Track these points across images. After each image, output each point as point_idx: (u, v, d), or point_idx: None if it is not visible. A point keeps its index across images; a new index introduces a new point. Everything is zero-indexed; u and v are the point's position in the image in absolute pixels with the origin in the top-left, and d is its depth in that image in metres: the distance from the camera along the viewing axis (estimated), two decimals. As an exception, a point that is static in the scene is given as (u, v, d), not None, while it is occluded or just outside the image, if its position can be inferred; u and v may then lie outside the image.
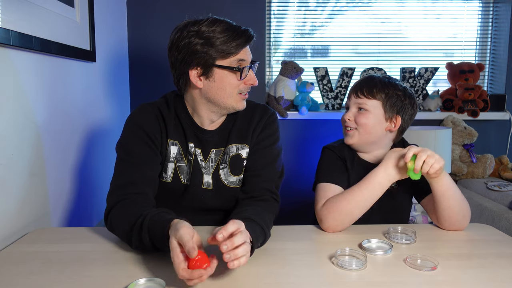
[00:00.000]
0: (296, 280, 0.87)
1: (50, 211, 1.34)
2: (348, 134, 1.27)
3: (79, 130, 1.59)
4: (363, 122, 1.24)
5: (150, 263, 0.93)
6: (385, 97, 1.23)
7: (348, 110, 1.28)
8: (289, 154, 2.39)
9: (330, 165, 1.27)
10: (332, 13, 2.55)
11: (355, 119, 1.25)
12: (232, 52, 1.09)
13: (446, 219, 1.15)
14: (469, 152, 2.39)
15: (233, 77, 1.11)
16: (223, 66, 1.09)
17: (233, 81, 1.11)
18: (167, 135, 1.16)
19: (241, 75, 1.11)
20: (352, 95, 1.27)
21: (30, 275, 0.88)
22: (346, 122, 1.27)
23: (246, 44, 1.12)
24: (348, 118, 1.26)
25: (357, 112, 1.26)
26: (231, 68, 1.10)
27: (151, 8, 2.27)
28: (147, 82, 2.30)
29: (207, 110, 1.16)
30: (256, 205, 1.09)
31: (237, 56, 1.10)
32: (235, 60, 1.10)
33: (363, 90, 1.24)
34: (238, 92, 1.13)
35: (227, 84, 1.11)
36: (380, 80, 1.25)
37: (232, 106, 1.14)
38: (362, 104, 1.24)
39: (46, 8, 1.29)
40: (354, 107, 1.26)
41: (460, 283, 0.87)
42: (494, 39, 2.56)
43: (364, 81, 1.27)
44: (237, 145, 1.19)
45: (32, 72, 1.24)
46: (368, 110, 1.24)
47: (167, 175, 1.17)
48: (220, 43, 1.08)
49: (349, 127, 1.27)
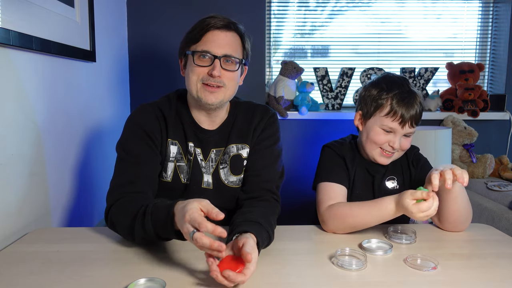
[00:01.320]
0: (296, 280, 0.87)
1: (50, 211, 1.34)
2: (390, 157, 1.23)
3: (79, 129, 1.59)
4: (408, 146, 1.22)
5: (150, 263, 0.93)
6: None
7: (394, 135, 1.19)
8: (289, 154, 2.39)
9: (331, 163, 1.26)
10: (332, 13, 2.55)
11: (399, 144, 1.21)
12: (195, 38, 1.10)
13: (450, 222, 1.15)
14: (469, 152, 2.39)
15: (191, 63, 1.11)
16: (188, 51, 1.12)
17: (192, 67, 1.11)
18: (167, 135, 1.16)
19: (194, 60, 1.10)
20: (407, 125, 1.18)
21: (30, 275, 0.88)
22: (393, 149, 1.20)
23: (205, 31, 1.10)
24: (398, 147, 1.20)
25: (402, 137, 1.21)
26: (190, 52, 1.11)
27: (151, 8, 2.27)
28: (147, 82, 2.30)
29: (194, 104, 1.17)
30: (261, 206, 1.09)
31: (200, 43, 1.10)
32: (200, 47, 1.10)
33: (417, 118, 1.19)
34: (201, 81, 1.11)
35: (189, 71, 1.12)
36: (418, 99, 1.20)
37: (197, 95, 1.12)
38: (411, 132, 1.21)
39: (46, 8, 1.29)
40: (401, 134, 1.20)
41: (460, 283, 0.87)
42: (494, 39, 2.56)
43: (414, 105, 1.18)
44: (237, 145, 1.19)
45: (32, 72, 1.24)
46: (411, 134, 1.22)
47: (167, 175, 1.17)
48: (191, 30, 1.13)
49: (392, 152, 1.22)
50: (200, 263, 0.92)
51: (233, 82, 1.14)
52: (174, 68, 2.27)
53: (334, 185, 1.20)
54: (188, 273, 0.88)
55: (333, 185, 1.20)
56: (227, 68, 1.11)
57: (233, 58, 1.12)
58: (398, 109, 1.17)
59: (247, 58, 1.20)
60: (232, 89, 1.15)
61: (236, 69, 1.13)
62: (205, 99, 1.11)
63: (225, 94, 1.13)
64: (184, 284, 0.84)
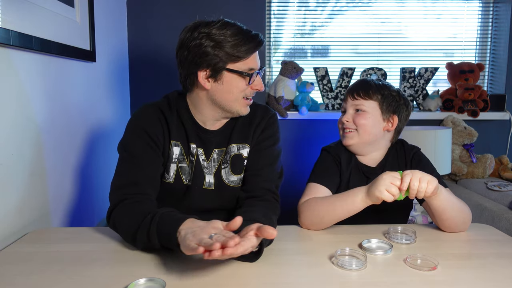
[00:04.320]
0: (296, 280, 0.87)
1: (50, 211, 1.34)
2: (347, 136, 1.28)
3: (79, 129, 1.59)
4: (362, 122, 1.25)
5: (150, 263, 0.93)
6: (381, 97, 1.26)
7: (346, 113, 1.30)
8: (289, 154, 2.39)
9: (324, 166, 1.29)
10: (332, 13, 2.55)
11: (353, 120, 1.27)
12: (242, 57, 1.09)
13: (447, 226, 1.15)
14: (469, 152, 2.39)
15: (241, 82, 1.12)
16: (232, 70, 1.10)
17: (241, 85, 1.12)
18: (169, 136, 1.16)
19: (250, 80, 1.12)
20: (349, 98, 1.29)
21: (30, 275, 0.88)
22: (345, 124, 1.28)
23: (256, 49, 1.12)
24: (346, 120, 1.28)
25: (355, 114, 1.27)
26: (241, 72, 1.10)
27: (151, 8, 2.27)
28: (147, 82, 2.30)
29: (211, 111, 1.17)
30: (262, 205, 1.09)
31: (246, 60, 1.10)
32: (245, 65, 1.10)
33: (359, 91, 1.27)
34: (243, 97, 1.14)
35: (234, 88, 1.12)
36: (374, 82, 1.29)
37: (236, 110, 1.15)
38: (360, 106, 1.26)
39: (46, 8, 1.29)
40: (351, 109, 1.28)
41: (460, 283, 0.87)
42: (494, 39, 2.56)
43: (359, 84, 1.30)
44: (238, 145, 1.20)
45: (32, 72, 1.24)
46: (366, 111, 1.26)
47: (169, 176, 1.17)
48: (230, 47, 1.08)
49: (348, 129, 1.28)
50: (200, 263, 0.92)
51: None
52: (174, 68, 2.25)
53: (321, 187, 1.23)
54: (188, 273, 0.88)
55: (319, 187, 1.23)
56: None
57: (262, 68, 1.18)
58: (348, 90, 1.32)
59: None
60: None
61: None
62: (245, 112, 1.17)
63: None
64: (184, 284, 0.84)
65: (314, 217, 1.15)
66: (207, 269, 0.89)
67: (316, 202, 1.16)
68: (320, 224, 1.15)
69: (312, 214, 1.15)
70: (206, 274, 0.88)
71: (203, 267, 0.90)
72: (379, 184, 1.02)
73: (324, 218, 1.14)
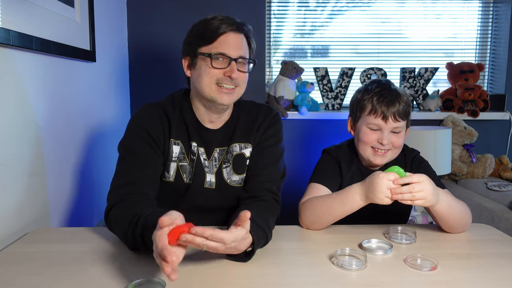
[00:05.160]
0: (296, 280, 0.87)
1: (50, 211, 1.34)
2: (382, 156, 1.22)
3: (79, 129, 1.59)
4: (400, 143, 1.22)
5: (150, 263, 0.93)
6: (410, 113, 1.24)
7: (381, 132, 1.21)
8: (289, 154, 2.39)
9: (325, 168, 1.29)
10: (332, 13, 2.55)
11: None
12: (211, 36, 1.10)
13: (448, 229, 1.16)
14: (469, 152, 2.39)
15: (208, 64, 1.11)
16: (201, 53, 1.11)
17: (208, 69, 1.11)
18: (169, 135, 1.16)
19: (211, 62, 1.10)
20: (390, 119, 1.19)
21: (30, 275, 0.88)
22: (384, 146, 1.20)
23: (224, 31, 1.10)
24: (387, 143, 1.20)
25: (391, 134, 1.21)
26: (205, 54, 1.11)
27: (151, 8, 2.27)
28: (147, 82, 2.30)
29: (199, 104, 1.17)
30: (258, 206, 1.09)
31: (216, 44, 1.10)
32: (214, 49, 1.10)
33: (401, 112, 1.20)
34: (215, 82, 1.11)
35: (203, 71, 1.11)
36: (404, 97, 1.22)
37: (211, 97, 1.12)
38: (399, 128, 1.21)
39: (46, 8, 1.29)
40: (389, 130, 1.20)
41: (460, 283, 0.87)
42: (494, 39, 2.56)
43: (395, 101, 1.20)
44: (240, 144, 1.20)
45: (32, 72, 1.24)
46: (401, 131, 1.23)
47: (170, 175, 1.17)
48: (202, 30, 1.12)
49: (384, 150, 1.22)
50: (199, 263, 0.92)
51: (245, 82, 1.17)
52: (174, 68, 2.27)
53: (322, 187, 1.23)
54: (188, 273, 0.88)
55: (321, 187, 1.23)
56: (241, 69, 1.13)
57: (246, 59, 1.14)
58: (378, 106, 1.20)
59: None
60: (243, 89, 1.18)
61: (249, 70, 1.16)
62: (220, 100, 1.12)
63: (238, 94, 1.16)
64: (184, 284, 0.84)
65: (314, 217, 1.15)
66: (207, 269, 0.90)
67: (316, 202, 1.16)
68: (320, 223, 1.16)
69: (312, 214, 1.15)
70: (206, 274, 0.88)
71: (202, 267, 0.90)
72: (378, 192, 1.02)
73: (323, 218, 1.14)
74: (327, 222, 1.15)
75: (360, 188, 1.08)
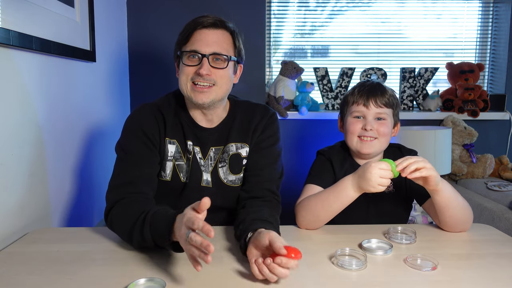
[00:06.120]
0: (296, 280, 0.87)
1: (50, 211, 1.34)
2: (368, 144, 1.23)
3: (79, 129, 1.59)
4: (385, 131, 1.23)
5: (150, 263, 0.93)
6: (395, 105, 1.26)
7: (365, 120, 1.23)
8: (289, 154, 2.39)
9: (319, 168, 1.30)
10: (332, 13, 2.55)
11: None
12: (186, 35, 1.11)
13: (449, 225, 1.15)
14: (469, 152, 2.39)
15: (182, 63, 1.12)
16: (179, 52, 1.13)
17: (182, 68, 1.12)
18: (165, 134, 1.16)
19: (184, 59, 1.11)
20: (371, 104, 1.22)
21: (30, 275, 0.88)
22: (368, 132, 1.22)
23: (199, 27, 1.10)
24: (370, 128, 1.21)
25: (376, 121, 1.23)
26: (180, 52, 1.12)
27: (151, 8, 2.27)
28: (147, 82, 2.30)
29: (189, 103, 1.17)
30: (267, 206, 1.10)
31: (189, 42, 1.11)
32: (189, 47, 1.11)
33: (382, 99, 1.22)
34: (190, 81, 1.11)
35: (180, 70, 1.13)
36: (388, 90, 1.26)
37: (188, 95, 1.12)
38: (382, 114, 1.23)
39: (46, 8, 1.29)
40: (372, 116, 1.23)
41: (460, 283, 0.87)
42: (494, 39, 2.56)
43: (377, 89, 1.24)
44: (236, 144, 1.19)
45: (32, 72, 1.24)
46: (386, 119, 1.24)
47: (166, 174, 1.17)
48: (182, 30, 1.14)
49: (370, 137, 1.22)
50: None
51: (225, 80, 1.13)
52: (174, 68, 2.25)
53: (317, 188, 1.23)
54: (188, 273, 0.88)
55: (316, 187, 1.23)
56: (216, 66, 1.10)
57: (222, 55, 1.11)
58: (359, 95, 1.24)
59: (240, 55, 1.18)
60: (224, 88, 1.13)
61: (225, 66, 1.12)
62: (195, 98, 1.11)
63: (217, 93, 1.12)
64: (184, 284, 0.84)
65: (310, 216, 1.15)
66: (207, 269, 0.89)
67: (310, 200, 1.16)
68: (316, 221, 1.16)
69: (308, 213, 1.16)
70: (206, 274, 0.88)
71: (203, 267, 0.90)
72: (370, 180, 1.03)
73: (319, 215, 1.14)
74: (323, 219, 1.15)
75: (352, 179, 1.09)
